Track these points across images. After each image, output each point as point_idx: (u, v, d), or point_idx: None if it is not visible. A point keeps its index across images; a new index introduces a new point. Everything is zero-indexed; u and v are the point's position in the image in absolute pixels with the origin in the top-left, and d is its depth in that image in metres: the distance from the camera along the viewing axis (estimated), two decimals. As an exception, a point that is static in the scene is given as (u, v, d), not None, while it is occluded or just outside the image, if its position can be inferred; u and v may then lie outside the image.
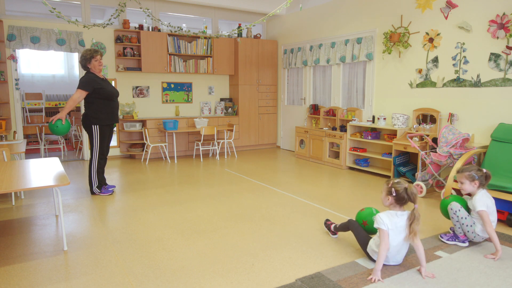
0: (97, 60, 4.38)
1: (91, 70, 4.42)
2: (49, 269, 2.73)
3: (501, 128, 4.31)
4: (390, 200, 2.60)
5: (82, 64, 4.44)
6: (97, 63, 4.39)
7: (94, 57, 4.36)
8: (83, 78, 4.38)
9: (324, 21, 7.12)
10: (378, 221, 2.60)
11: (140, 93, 7.43)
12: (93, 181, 4.61)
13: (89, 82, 4.33)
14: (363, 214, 3.08)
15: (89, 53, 4.36)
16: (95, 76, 4.41)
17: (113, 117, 4.59)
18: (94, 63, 4.39)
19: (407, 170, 5.27)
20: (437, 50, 5.19)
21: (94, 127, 4.46)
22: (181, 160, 7.11)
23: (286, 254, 2.99)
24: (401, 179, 2.64)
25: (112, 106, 4.53)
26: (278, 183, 5.32)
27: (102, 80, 4.48)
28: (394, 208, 2.64)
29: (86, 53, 4.38)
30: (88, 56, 4.35)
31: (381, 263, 2.55)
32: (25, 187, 2.78)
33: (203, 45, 7.70)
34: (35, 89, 9.45)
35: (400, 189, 2.56)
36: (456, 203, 3.13)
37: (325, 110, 7.00)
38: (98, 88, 4.36)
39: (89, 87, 4.32)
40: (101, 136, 4.52)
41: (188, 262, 2.85)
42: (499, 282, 2.53)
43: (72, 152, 7.94)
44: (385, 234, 2.56)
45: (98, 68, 4.43)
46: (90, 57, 4.35)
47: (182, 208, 4.18)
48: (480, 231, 3.04)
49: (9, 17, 6.23)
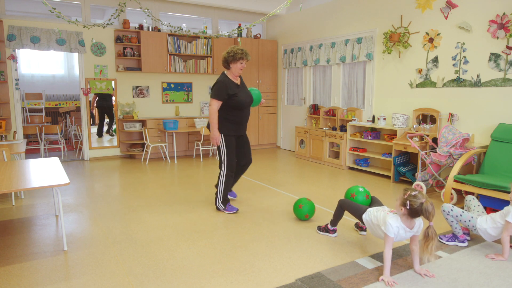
0: (242, 63, 3.88)
1: (229, 70, 3.92)
2: (49, 269, 2.73)
3: (501, 128, 4.31)
4: (403, 211, 2.49)
5: (226, 60, 3.89)
6: (240, 66, 3.88)
7: (242, 59, 3.86)
8: (217, 84, 3.86)
9: (324, 21, 7.12)
10: (388, 227, 2.53)
11: (140, 93, 7.43)
12: (218, 195, 4.06)
13: (222, 89, 3.81)
14: (350, 190, 3.42)
15: (240, 54, 3.83)
16: (229, 81, 3.88)
17: (240, 128, 4.05)
18: (237, 66, 3.87)
19: (407, 170, 5.27)
20: (437, 50, 5.19)
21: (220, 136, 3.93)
22: (181, 160, 7.11)
23: (286, 254, 2.99)
24: (420, 192, 2.46)
25: (240, 116, 3.99)
26: (278, 183, 5.32)
27: (237, 86, 3.94)
28: (405, 220, 2.54)
29: (237, 51, 3.84)
30: (238, 56, 3.83)
31: (389, 267, 2.54)
32: (25, 187, 2.78)
33: (203, 45, 7.70)
34: (35, 89, 9.45)
35: (415, 204, 2.42)
36: (447, 204, 3.17)
37: (325, 110, 7.00)
38: (231, 95, 3.85)
39: (222, 96, 3.82)
40: (227, 146, 3.94)
41: (188, 262, 2.85)
42: (499, 282, 2.53)
43: (72, 152, 7.93)
44: (390, 241, 2.55)
45: (238, 71, 3.91)
46: (240, 57, 3.84)
47: (182, 208, 4.18)
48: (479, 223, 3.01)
49: (9, 17, 6.23)
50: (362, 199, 3.27)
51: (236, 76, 3.97)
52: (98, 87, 7.05)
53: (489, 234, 2.98)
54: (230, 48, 3.89)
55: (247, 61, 3.95)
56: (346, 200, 3.20)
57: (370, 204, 3.25)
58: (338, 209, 3.22)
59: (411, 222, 2.55)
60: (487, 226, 2.97)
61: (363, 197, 3.29)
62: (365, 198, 3.28)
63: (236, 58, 3.84)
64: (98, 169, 6.29)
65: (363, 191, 3.33)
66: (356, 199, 3.26)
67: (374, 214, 2.79)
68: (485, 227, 2.98)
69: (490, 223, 2.98)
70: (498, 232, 2.94)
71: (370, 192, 3.38)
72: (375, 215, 2.76)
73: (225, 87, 3.83)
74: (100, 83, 7.04)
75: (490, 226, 2.96)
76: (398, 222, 2.54)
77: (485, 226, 2.98)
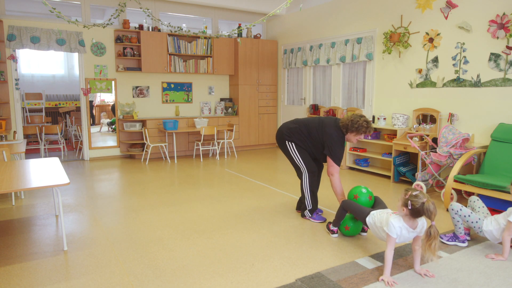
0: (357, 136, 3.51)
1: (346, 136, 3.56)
2: (49, 269, 2.73)
3: (501, 128, 4.31)
4: (405, 211, 2.50)
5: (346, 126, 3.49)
6: (358, 138, 3.53)
7: (364, 133, 3.48)
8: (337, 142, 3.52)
9: (324, 21, 7.12)
10: (390, 228, 2.54)
11: (140, 93, 7.43)
12: (307, 202, 3.77)
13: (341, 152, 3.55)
14: (353, 190, 3.34)
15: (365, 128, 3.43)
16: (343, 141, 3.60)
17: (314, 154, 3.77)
18: (354, 137, 3.53)
19: (407, 170, 5.27)
20: (437, 50, 5.18)
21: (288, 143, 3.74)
22: (181, 160, 7.11)
23: (286, 254, 2.98)
24: (421, 192, 2.46)
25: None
26: (278, 183, 5.32)
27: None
28: (408, 221, 2.54)
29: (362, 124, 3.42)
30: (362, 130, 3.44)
31: (389, 267, 2.54)
32: (25, 187, 2.78)
33: (203, 45, 7.70)
34: (35, 89, 9.45)
35: (417, 204, 2.42)
36: (456, 203, 3.13)
37: (325, 110, 6.99)
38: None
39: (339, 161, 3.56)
40: (299, 151, 3.72)
41: (188, 262, 2.85)
42: (499, 282, 2.53)
43: (72, 152, 7.93)
44: (393, 241, 2.55)
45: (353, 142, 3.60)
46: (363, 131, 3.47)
47: (182, 208, 4.18)
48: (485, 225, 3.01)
49: (9, 17, 6.23)
50: (365, 200, 3.21)
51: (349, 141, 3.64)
52: (98, 87, 7.05)
53: (494, 236, 2.98)
54: (356, 117, 3.46)
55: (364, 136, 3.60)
56: (350, 201, 3.17)
57: (374, 205, 3.22)
58: (341, 210, 3.20)
59: (413, 222, 2.55)
60: (492, 228, 2.97)
61: (366, 198, 3.22)
62: (368, 200, 3.22)
63: (359, 131, 3.46)
64: (98, 169, 6.29)
65: (366, 192, 3.26)
66: (359, 201, 3.20)
67: (377, 216, 2.78)
68: (490, 229, 2.98)
69: (494, 224, 2.98)
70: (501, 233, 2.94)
71: (373, 193, 3.33)
72: (379, 217, 2.76)
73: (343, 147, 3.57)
74: (100, 83, 7.04)
75: (494, 228, 2.96)
76: (400, 223, 2.54)
77: (490, 228, 2.98)
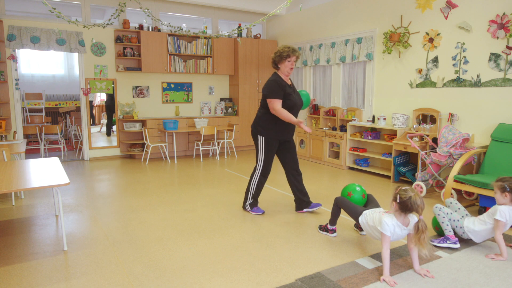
0: (290, 61, 3.72)
1: (279, 71, 3.78)
2: (49, 269, 2.73)
3: (501, 128, 4.31)
4: (395, 206, 2.57)
5: (274, 62, 3.79)
6: (289, 64, 3.72)
7: (289, 56, 3.69)
8: (269, 83, 3.71)
9: (324, 21, 7.12)
10: (383, 226, 2.58)
11: (140, 93, 7.43)
12: (248, 196, 3.96)
13: (279, 87, 3.66)
14: (346, 188, 3.40)
15: (287, 52, 3.67)
16: (281, 80, 3.75)
17: (287, 133, 3.87)
18: (286, 64, 3.72)
19: (407, 170, 5.27)
20: (437, 50, 5.19)
21: (260, 138, 3.82)
22: (181, 160, 7.11)
23: (286, 254, 2.99)
24: (410, 188, 2.56)
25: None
26: (278, 183, 5.32)
27: (289, 86, 3.81)
28: (398, 217, 2.59)
29: (283, 49, 3.69)
30: (285, 54, 3.68)
31: (388, 266, 2.56)
32: (25, 187, 2.78)
33: (203, 45, 7.70)
34: (35, 89, 9.45)
35: (404, 197, 2.50)
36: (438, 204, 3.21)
37: (325, 110, 7.00)
38: (286, 94, 3.71)
39: (280, 94, 3.66)
40: (267, 150, 3.81)
41: (188, 262, 2.85)
42: (499, 282, 2.53)
43: (72, 152, 7.93)
44: (387, 239, 2.58)
45: (288, 71, 3.77)
46: (286, 55, 3.68)
47: (182, 208, 4.18)
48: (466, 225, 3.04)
49: (9, 17, 6.23)
50: (358, 198, 3.29)
51: (287, 76, 3.81)
52: (98, 87, 7.05)
53: (479, 235, 3.02)
54: (277, 48, 3.79)
55: (297, 58, 3.76)
56: (343, 198, 3.22)
57: (366, 202, 3.29)
58: (335, 207, 3.25)
59: (405, 219, 2.60)
60: (475, 227, 3.02)
61: (359, 196, 3.30)
62: (361, 198, 3.30)
63: (282, 56, 3.69)
64: (98, 169, 6.29)
65: (360, 190, 3.34)
66: (352, 198, 3.28)
67: (370, 216, 2.82)
68: (473, 228, 3.02)
69: (478, 223, 3.02)
70: (488, 232, 2.98)
71: (366, 191, 3.39)
72: (371, 217, 2.80)
73: (281, 85, 3.67)
74: (100, 83, 7.04)
75: (481, 228, 2.99)
76: (393, 220, 2.59)
77: (472, 227, 3.03)
